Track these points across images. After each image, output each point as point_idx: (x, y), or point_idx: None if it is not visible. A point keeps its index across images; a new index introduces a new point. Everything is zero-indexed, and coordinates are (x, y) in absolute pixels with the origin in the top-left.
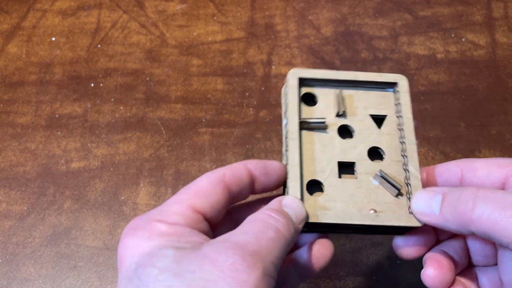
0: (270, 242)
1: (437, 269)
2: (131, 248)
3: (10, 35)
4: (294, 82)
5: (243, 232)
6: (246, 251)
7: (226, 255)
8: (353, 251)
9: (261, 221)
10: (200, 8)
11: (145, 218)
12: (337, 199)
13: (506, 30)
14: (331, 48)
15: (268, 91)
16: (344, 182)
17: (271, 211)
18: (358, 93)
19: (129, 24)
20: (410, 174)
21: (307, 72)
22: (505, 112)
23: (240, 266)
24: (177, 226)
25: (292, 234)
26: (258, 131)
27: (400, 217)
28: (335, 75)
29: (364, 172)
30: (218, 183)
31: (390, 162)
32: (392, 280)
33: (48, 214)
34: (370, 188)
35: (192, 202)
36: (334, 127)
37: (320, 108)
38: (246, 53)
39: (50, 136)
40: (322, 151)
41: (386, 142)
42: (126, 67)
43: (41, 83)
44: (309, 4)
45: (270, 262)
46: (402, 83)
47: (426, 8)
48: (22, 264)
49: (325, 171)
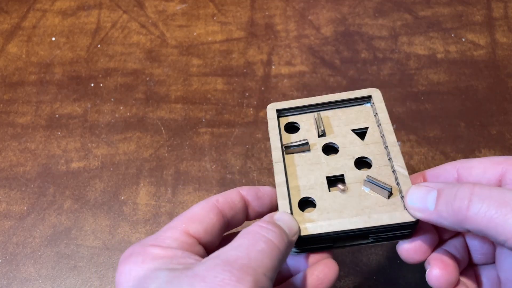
0: (260, 254)
1: (442, 269)
2: (126, 274)
3: (10, 35)
4: (272, 114)
5: (233, 248)
6: (235, 266)
7: (215, 272)
8: (353, 251)
9: (252, 233)
10: (200, 8)
11: (139, 244)
12: (329, 211)
13: (506, 30)
14: (331, 48)
15: (268, 91)
16: (335, 194)
17: (263, 222)
18: (336, 112)
19: (129, 24)
20: (398, 174)
21: (283, 104)
22: (505, 112)
23: (229, 281)
24: (170, 249)
25: (286, 244)
26: (258, 131)
27: (393, 216)
28: (310, 101)
29: (354, 182)
30: (211, 208)
31: (379, 168)
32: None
33: (48, 214)
34: (361, 196)
35: (185, 227)
36: (318, 147)
37: (302, 134)
38: (246, 53)
39: (50, 136)
40: (310, 170)
41: (371, 151)
42: (126, 67)
43: (41, 83)
44: (309, 4)
45: (262, 274)
46: (375, 94)
47: (426, 8)
48: (22, 264)
49: (314, 188)
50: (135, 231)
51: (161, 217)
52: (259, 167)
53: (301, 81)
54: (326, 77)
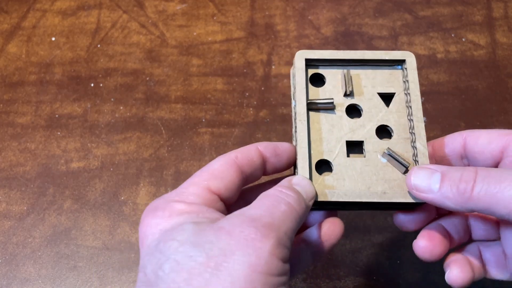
0: (282, 215)
1: (428, 241)
2: (152, 227)
3: (10, 35)
4: (301, 64)
5: (256, 207)
6: (260, 223)
7: (241, 227)
8: (353, 251)
9: (273, 196)
10: (200, 8)
11: (163, 199)
12: (345, 178)
13: (506, 30)
14: (331, 48)
15: (268, 91)
16: (352, 161)
17: (282, 187)
18: (365, 72)
19: (129, 24)
20: (418, 151)
21: (313, 53)
22: (505, 112)
23: (255, 236)
24: (195, 205)
25: (303, 209)
26: (258, 131)
27: (407, 194)
28: (341, 55)
29: (373, 151)
30: (231, 165)
31: (398, 139)
32: (392, 280)
33: (48, 214)
34: (378, 166)
35: (207, 184)
36: (342, 107)
37: (328, 88)
38: (246, 53)
39: (50, 136)
40: (331, 131)
41: (394, 120)
42: (126, 67)
43: (41, 83)
44: (309, 4)
45: (283, 232)
46: (410, 60)
47: (426, 8)
48: (22, 264)
49: (333, 151)
50: (135, 231)
51: None
52: None
53: None
54: None
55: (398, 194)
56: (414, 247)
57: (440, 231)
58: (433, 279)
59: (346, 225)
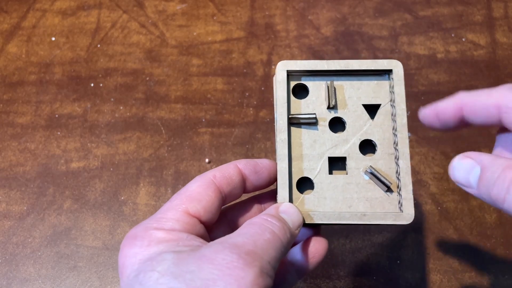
0: (266, 243)
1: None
2: (131, 257)
3: (10, 35)
4: (282, 77)
5: (240, 234)
6: (243, 250)
7: (223, 254)
8: (353, 251)
9: (258, 224)
10: (200, 8)
11: (142, 227)
12: (326, 196)
13: (506, 30)
14: (331, 48)
15: (268, 91)
16: (334, 178)
17: (268, 216)
18: (350, 83)
19: (129, 24)
20: (401, 170)
21: (296, 64)
22: None
23: (237, 264)
24: (174, 232)
25: (288, 238)
26: (258, 131)
27: (387, 216)
28: (325, 65)
29: (355, 167)
30: (209, 186)
31: (382, 155)
32: (392, 280)
33: (48, 214)
34: (360, 184)
35: (185, 207)
36: (325, 122)
37: (311, 99)
38: (246, 53)
39: (49, 136)
40: (313, 147)
41: (379, 133)
42: (126, 67)
43: (41, 83)
44: (309, 4)
45: (267, 261)
46: (397, 70)
47: (426, 8)
48: (22, 264)
49: (315, 168)
50: None
51: None
52: None
53: None
54: None
55: (377, 215)
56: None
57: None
58: (433, 279)
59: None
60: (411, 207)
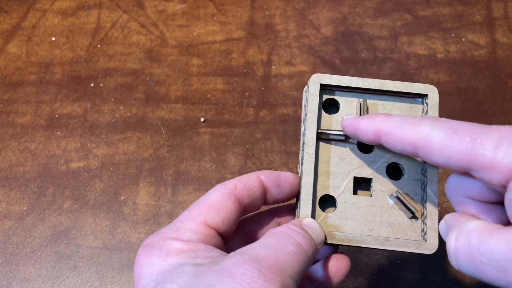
0: (289, 256)
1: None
2: (149, 267)
3: (10, 35)
4: (315, 90)
5: (262, 246)
6: (264, 265)
7: (243, 269)
8: (353, 251)
9: (281, 234)
10: (200, 8)
11: (159, 236)
12: (348, 217)
13: (506, 30)
14: (331, 48)
15: (268, 91)
16: (358, 199)
17: (293, 225)
18: (383, 103)
19: (129, 24)
20: (428, 197)
21: (330, 79)
22: (505, 112)
23: (258, 280)
24: (192, 243)
25: (313, 251)
26: (258, 131)
27: (410, 243)
28: (360, 82)
29: (380, 190)
30: (229, 196)
31: (409, 180)
32: (392, 280)
33: (48, 214)
34: (384, 208)
35: (204, 218)
36: (353, 140)
37: (342, 116)
38: (246, 53)
39: (50, 136)
40: (339, 165)
41: (407, 158)
42: (126, 67)
43: (41, 83)
44: (309, 4)
45: (289, 276)
46: (432, 95)
47: (426, 8)
48: (22, 264)
49: (340, 186)
50: (135, 231)
51: (161, 217)
52: (259, 167)
53: (301, 81)
54: None
55: (400, 242)
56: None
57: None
58: (433, 278)
59: None
60: (435, 237)
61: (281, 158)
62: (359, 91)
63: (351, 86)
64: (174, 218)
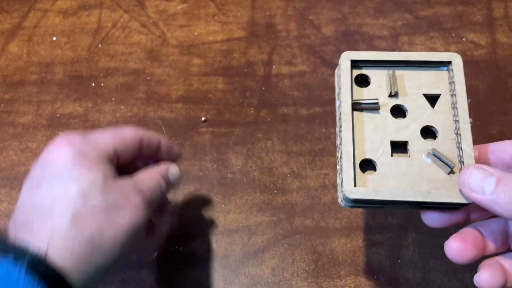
0: (150, 183)
1: (460, 243)
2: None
3: (11, 35)
4: (346, 65)
5: (138, 175)
6: (137, 185)
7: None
8: (354, 250)
9: (150, 172)
10: (200, 7)
11: (91, 145)
12: (389, 177)
13: (507, 30)
14: (332, 47)
15: (269, 90)
16: (396, 161)
17: (158, 171)
18: (410, 73)
19: (129, 24)
20: (464, 152)
21: (359, 54)
22: (505, 112)
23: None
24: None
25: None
26: (259, 130)
27: (452, 194)
28: (386, 56)
29: (417, 151)
30: (136, 139)
31: (444, 140)
32: (393, 280)
33: None
34: (422, 166)
35: (114, 145)
36: (386, 107)
37: (373, 88)
38: (247, 52)
39: (51, 136)
40: (375, 131)
41: (439, 120)
42: (127, 66)
43: (42, 83)
44: (310, 3)
45: (149, 194)
46: (456, 61)
47: (427, 8)
48: None
49: (377, 150)
50: None
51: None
52: (260, 166)
53: (301, 81)
54: (326, 77)
55: (443, 194)
56: (445, 247)
57: (475, 235)
58: (433, 278)
59: (347, 224)
60: None
61: (281, 157)
62: (386, 65)
63: (379, 60)
64: (175, 217)
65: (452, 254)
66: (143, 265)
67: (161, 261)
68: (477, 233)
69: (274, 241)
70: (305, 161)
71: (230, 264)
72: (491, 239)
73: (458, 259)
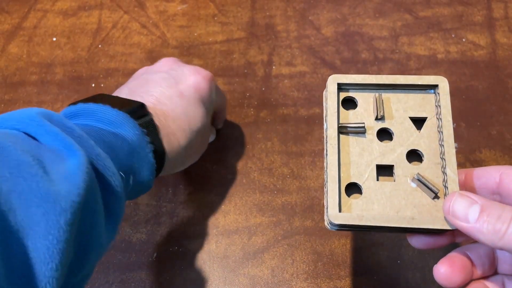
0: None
1: (448, 268)
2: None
3: (11, 35)
4: (333, 88)
5: None
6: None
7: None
8: (353, 251)
9: None
10: (200, 8)
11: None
12: (374, 201)
13: (507, 31)
14: (332, 48)
15: (269, 91)
16: (382, 185)
17: None
18: (397, 96)
19: (129, 25)
20: (448, 178)
21: (346, 78)
22: (505, 112)
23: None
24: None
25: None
26: (259, 131)
27: (436, 220)
28: (373, 79)
29: (402, 175)
30: None
31: (429, 164)
32: (393, 280)
33: None
34: (407, 191)
35: None
36: (373, 131)
37: (360, 111)
38: (247, 53)
39: None
40: (361, 155)
41: (425, 144)
42: (127, 67)
43: (42, 83)
44: (310, 4)
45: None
46: (443, 85)
47: (426, 9)
48: None
49: (363, 174)
50: (135, 231)
51: (162, 217)
52: (259, 167)
53: (301, 82)
54: (326, 77)
55: (427, 220)
56: (433, 272)
57: (462, 260)
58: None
59: None
60: None
61: (281, 158)
62: (373, 87)
63: (366, 83)
64: (175, 218)
65: (440, 278)
66: (143, 265)
67: (161, 261)
68: (465, 258)
69: (274, 242)
70: (305, 162)
71: (229, 265)
72: (479, 263)
73: (446, 284)
